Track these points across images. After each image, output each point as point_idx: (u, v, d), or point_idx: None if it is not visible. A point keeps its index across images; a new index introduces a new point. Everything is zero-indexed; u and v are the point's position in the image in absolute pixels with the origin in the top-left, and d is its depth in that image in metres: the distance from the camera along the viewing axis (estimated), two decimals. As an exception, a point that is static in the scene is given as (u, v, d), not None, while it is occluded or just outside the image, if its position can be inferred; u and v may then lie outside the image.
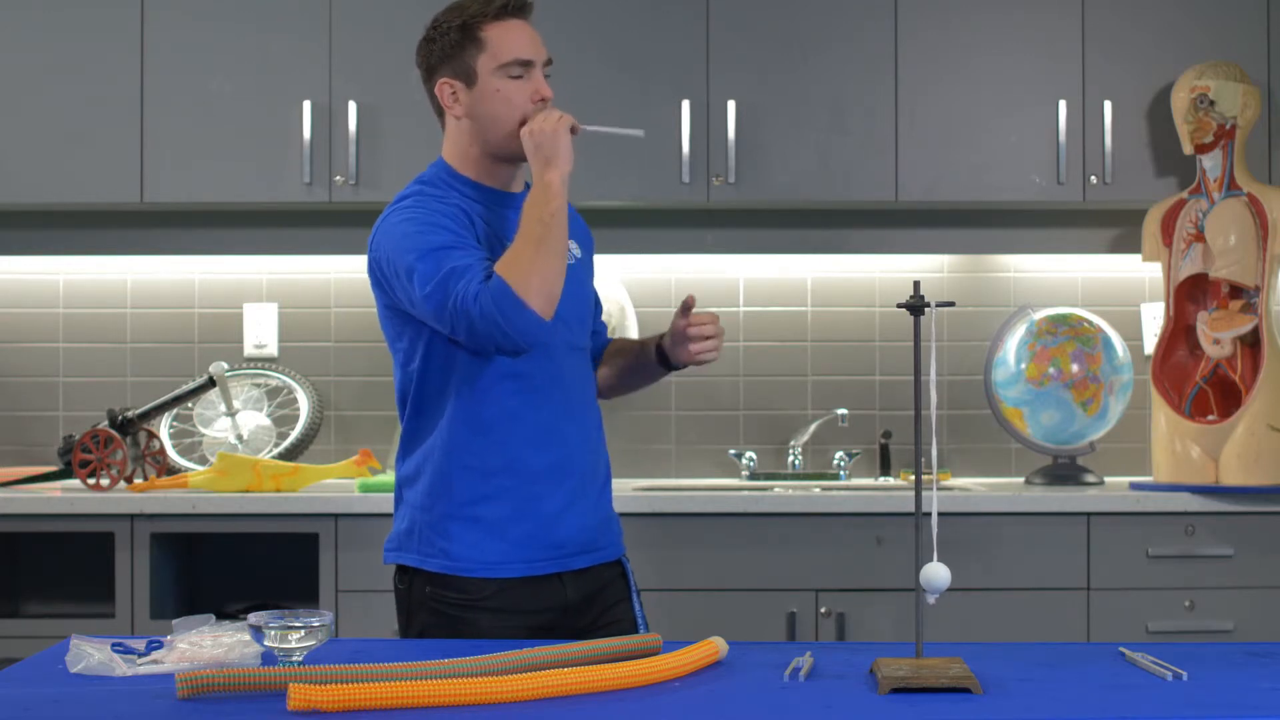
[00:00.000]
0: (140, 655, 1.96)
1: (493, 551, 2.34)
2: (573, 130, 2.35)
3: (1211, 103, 3.63)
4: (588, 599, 2.42)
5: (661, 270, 4.09)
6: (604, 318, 2.67)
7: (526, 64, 2.38)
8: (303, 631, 1.93)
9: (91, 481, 3.66)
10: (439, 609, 2.35)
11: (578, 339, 2.45)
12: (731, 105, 3.74)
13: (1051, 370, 3.75)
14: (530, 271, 2.21)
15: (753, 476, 4.02)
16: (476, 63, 2.37)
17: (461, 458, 2.36)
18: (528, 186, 2.48)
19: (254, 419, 3.94)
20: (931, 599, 1.85)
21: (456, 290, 2.21)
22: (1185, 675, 1.86)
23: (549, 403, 2.38)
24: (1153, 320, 4.03)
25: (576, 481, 2.41)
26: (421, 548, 2.37)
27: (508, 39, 2.37)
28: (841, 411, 4.01)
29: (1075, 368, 3.74)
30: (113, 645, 1.98)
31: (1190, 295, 3.73)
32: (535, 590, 2.36)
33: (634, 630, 2.43)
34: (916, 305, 1.90)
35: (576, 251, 2.48)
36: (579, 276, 2.47)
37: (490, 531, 2.35)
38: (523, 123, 2.37)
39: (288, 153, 3.76)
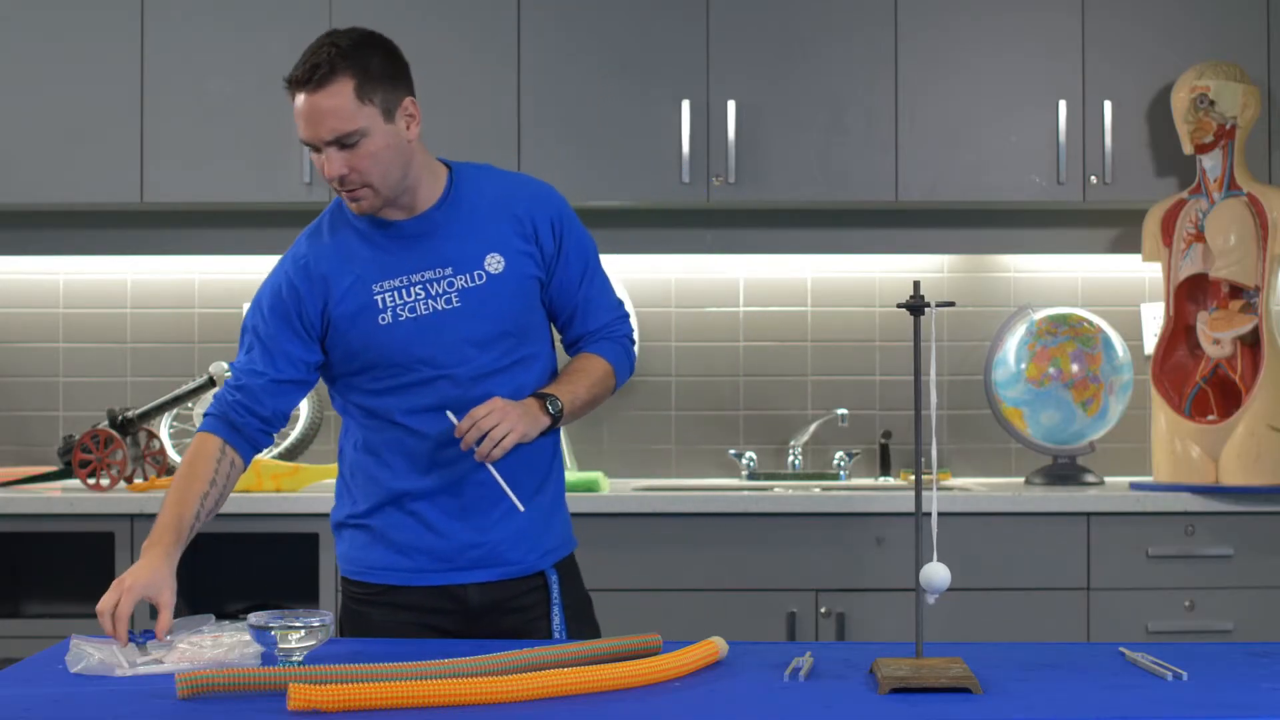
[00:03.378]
0: (139, 641, 1.98)
1: (377, 557, 2.40)
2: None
3: (1211, 103, 3.63)
4: (495, 606, 2.39)
5: (661, 270, 4.09)
6: None
7: (308, 143, 2.30)
8: (303, 631, 1.93)
9: (91, 481, 3.66)
10: (346, 601, 2.46)
11: (485, 362, 2.36)
12: (731, 105, 3.74)
13: (1051, 370, 3.75)
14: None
15: (753, 476, 4.02)
16: None
17: (353, 477, 2.44)
18: (447, 193, 2.38)
19: (254, 419, 3.93)
20: (931, 599, 1.85)
21: (218, 394, 2.40)
22: (1185, 675, 1.86)
23: (435, 433, 2.34)
24: (1153, 320, 4.03)
25: (468, 501, 2.36)
26: (336, 549, 2.48)
27: (298, 113, 2.29)
28: (841, 411, 4.01)
29: (1075, 368, 3.74)
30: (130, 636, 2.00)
31: (1190, 295, 3.73)
32: (428, 594, 2.38)
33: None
34: (916, 305, 1.90)
35: (495, 266, 2.35)
36: (491, 296, 2.34)
37: (376, 537, 2.40)
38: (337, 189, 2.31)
39: (287, 153, 3.76)
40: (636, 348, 2.58)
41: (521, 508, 2.31)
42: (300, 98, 2.26)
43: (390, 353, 2.33)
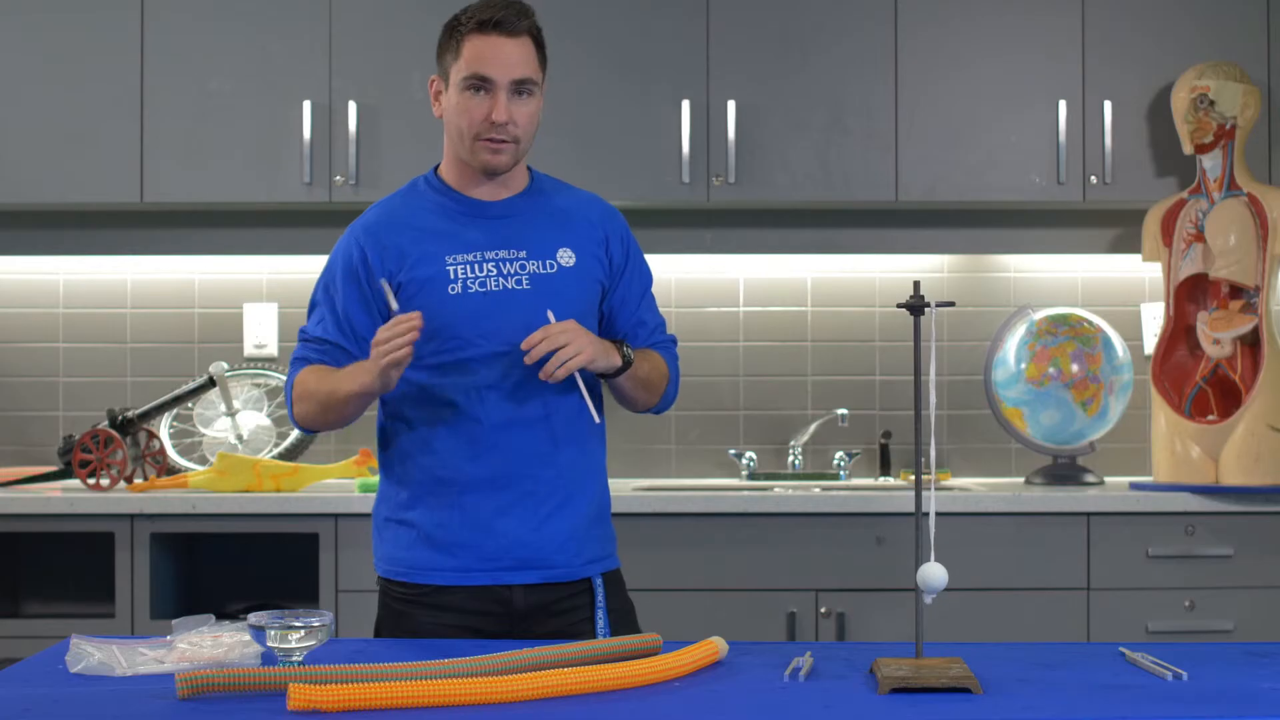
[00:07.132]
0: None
1: (421, 557, 2.40)
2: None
3: (1211, 103, 3.63)
4: (540, 609, 2.39)
5: (661, 270, 4.07)
6: None
7: (484, 80, 2.34)
8: (303, 631, 1.93)
9: (91, 481, 3.66)
10: (386, 601, 2.44)
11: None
12: (731, 105, 3.74)
13: (1051, 370, 3.75)
14: (312, 411, 2.45)
15: (753, 476, 4.02)
16: (451, 69, 2.39)
17: (400, 463, 2.44)
18: (531, 185, 2.48)
19: (254, 419, 3.94)
20: (928, 599, 1.85)
21: (295, 354, 2.48)
22: (1185, 675, 1.86)
23: (490, 415, 2.36)
24: (1153, 320, 4.03)
25: (517, 496, 2.37)
26: (375, 549, 2.47)
27: (478, 52, 2.34)
28: (841, 411, 4.01)
29: (1075, 368, 3.74)
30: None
31: (1190, 295, 3.73)
32: (473, 595, 2.38)
33: None
34: (916, 305, 1.90)
35: (566, 260, 2.43)
36: (560, 286, 2.40)
37: (420, 537, 2.40)
38: (475, 138, 2.37)
39: (288, 153, 3.76)
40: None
41: (598, 419, 2.38)
42: (490, 38, 2.35)
43: (456, 323, 2.36)
